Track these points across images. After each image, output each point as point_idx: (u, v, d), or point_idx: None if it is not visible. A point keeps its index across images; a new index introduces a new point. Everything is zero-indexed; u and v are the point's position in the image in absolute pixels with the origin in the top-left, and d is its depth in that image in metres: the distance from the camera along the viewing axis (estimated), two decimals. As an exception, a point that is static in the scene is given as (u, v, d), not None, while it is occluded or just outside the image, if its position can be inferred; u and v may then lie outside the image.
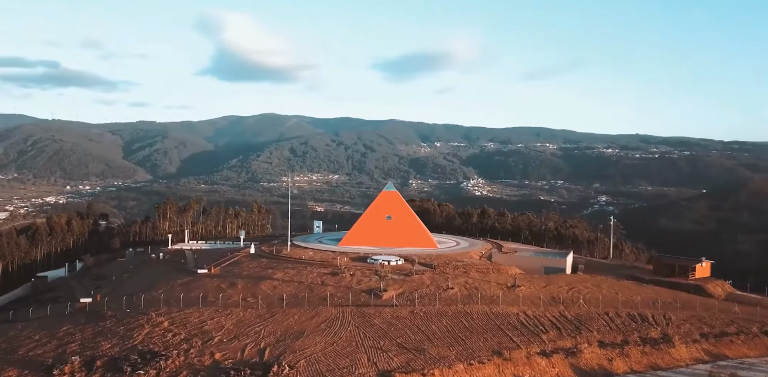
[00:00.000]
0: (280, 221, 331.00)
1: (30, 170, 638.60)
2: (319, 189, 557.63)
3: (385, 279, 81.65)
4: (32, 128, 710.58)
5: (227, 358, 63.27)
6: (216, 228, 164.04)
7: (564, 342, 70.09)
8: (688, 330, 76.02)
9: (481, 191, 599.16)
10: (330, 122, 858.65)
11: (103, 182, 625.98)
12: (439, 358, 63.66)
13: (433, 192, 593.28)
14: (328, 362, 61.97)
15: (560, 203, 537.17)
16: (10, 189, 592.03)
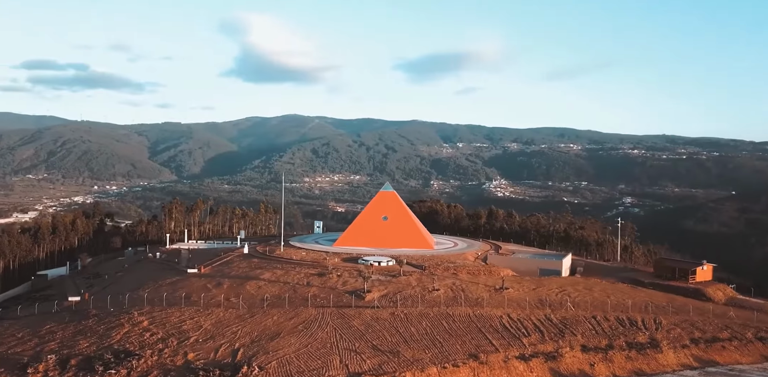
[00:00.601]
0: (301, 221, 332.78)
1: (59, 170, 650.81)
2: (340, 190, 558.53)
3: (368, 280, 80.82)
4: (62, 129, 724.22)
5: (200, 358, 63.05)
6: (223, 228, 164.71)
7: (545, 345, 68.63)
8: (678, 335, 73.97)
9: (504, 192, 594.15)
10: (352, 122, 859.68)
11: (129, 183, 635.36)
12: (412, 361, 62.71)
13: (455, 193, 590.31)
14: (299, 363, 61.41)
15: (584, 204, 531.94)
16: (40, 189, 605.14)
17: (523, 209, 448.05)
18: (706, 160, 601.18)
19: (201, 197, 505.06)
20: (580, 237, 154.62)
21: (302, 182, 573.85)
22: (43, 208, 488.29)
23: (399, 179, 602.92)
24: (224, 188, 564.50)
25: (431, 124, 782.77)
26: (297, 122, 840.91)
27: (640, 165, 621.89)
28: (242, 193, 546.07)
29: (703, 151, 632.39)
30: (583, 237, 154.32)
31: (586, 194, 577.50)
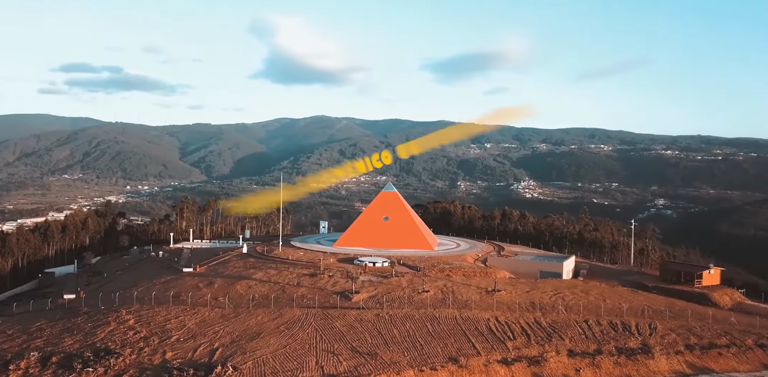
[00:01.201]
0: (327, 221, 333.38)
1: (94, 170, 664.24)
2: (366, 190, 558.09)
3: (356, 281, 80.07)
4: (97, 130, 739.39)
5: (177, 358, 63.09)
6: (235, 228, 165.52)
7: (530, 350, 67.02)
8: (672, 341, 71.58)
9: (532, 193, 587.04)
10: (379, 123, 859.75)
11: (161, 183, 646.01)
12: (390, 363, 61.82)
13: (482, 194, 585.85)
14: (274, 364, 60.99)
15: (614, 206, 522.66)
16: (75, 189, 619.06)
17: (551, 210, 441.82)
18: (743, 161, 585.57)
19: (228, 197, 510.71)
20: (594, 239, 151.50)
21: (329, 182, 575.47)
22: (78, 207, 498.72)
23: (425, 180, 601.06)
24: (252, 188, 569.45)
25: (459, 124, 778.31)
26: (325, 123, 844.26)
27: (674, 166, 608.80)
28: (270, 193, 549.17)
29: (740, 152, 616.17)
30: (596, 239, 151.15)
31: (616, 196, 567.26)
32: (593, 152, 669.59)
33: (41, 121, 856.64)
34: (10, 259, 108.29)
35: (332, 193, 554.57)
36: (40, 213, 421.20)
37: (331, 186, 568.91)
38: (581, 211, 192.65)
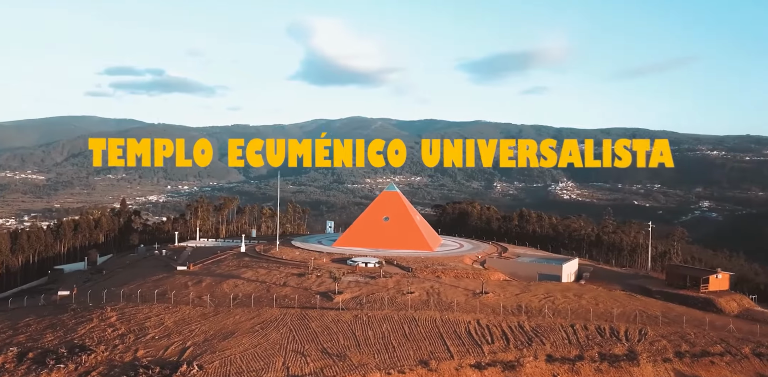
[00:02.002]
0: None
1: (136, 170, 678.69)
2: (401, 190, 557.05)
3: (340, 282, 79.22)
4: (140, 131, 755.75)
5: (148, 355, 63.24)
6: (251, 227, 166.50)
7: (507, 354, 65.06)
8: (662, 348, 68.61)
9: (570, 194, 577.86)
10: (414, 124, 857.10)
11: (200, 183, 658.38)
12: (357, 366, 60.75)
13: (519, 195, 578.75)
14: (241, 364, 60.57)
15: (656, 208, 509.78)
16: (119, 188, 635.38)
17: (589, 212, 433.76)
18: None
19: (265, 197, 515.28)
20: (613, 242, 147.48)
21: (363, 183, 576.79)
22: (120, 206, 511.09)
23: (461, 180, 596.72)
24: (289, 188, 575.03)
25: (495, 124, 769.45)
26: (360, 124, 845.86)
27: (720, 167, 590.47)
28: (306, 193, 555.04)
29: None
30: (615, 242, 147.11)
31: (659, 198, 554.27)
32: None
33: (88, 122, 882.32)
34: (21, 256, 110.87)
35: (367, 193, 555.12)
36: (85, 212, 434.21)
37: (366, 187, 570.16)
38: (604, 212, 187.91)
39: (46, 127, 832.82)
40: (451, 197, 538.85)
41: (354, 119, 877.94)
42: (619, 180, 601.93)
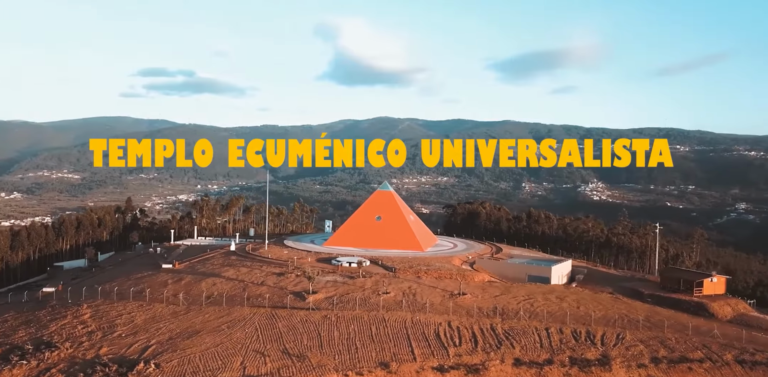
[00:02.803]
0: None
1: (167, 170, 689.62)
2: (427, 191, 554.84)
3: (314, 281, 78.35)
4: (171, 131, 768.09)
5: (110, 353, 63.23)
6: (258, 225, 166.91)
7: (472, 357, 63.41)
8: (638, 353, 66.18)
9: (600, 195, 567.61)
10: (442, 123, 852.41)
11: (229, 182, 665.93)
12: (315, 366, 59.83)
13: (547, 196, 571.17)
14: (198, 363, 60.12)
15: (690, 210, 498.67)
16: (151, 187, 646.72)
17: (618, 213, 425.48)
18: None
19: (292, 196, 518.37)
20: (622, 244, 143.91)
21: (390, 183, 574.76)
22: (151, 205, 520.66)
23: (488, 181, 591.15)
24: (316, 188, 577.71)
25: (524, 124, 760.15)
26: (388, 124, 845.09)
27: (758, 168, 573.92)
28: (332, 193, 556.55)
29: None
30: (624, 244, 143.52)
31: (693, 199, 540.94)
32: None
33: (122, 123, 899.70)
34: (20, 252, 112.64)
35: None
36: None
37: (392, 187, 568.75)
38: (619, 214, 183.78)
39: (82, 128, 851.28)
40: (478, 197, 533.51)
41: (381, 119, 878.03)
42: (652, 181, 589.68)
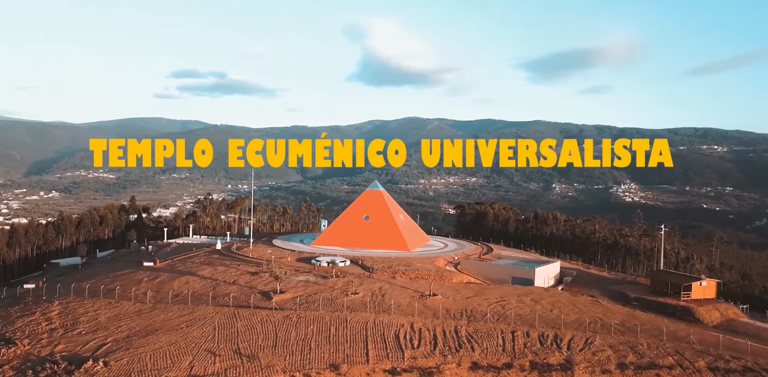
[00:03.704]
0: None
1: (199, 170, 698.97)
2: (455, 192, 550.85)
3: (280, 281, 77.41)
4: (203, 132, 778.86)
5: (65, 350, 63.29)
6: (265, 224, 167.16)
7: (428, 360, 61.64)
8: (605, 358, 63.50)
9: (633, 197, 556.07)
10: (471, 124, 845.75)
11: (259, 182, 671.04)
12: (264, 367, 58.83)
13: (578, 197, 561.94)
14: (147, 362, 59.66)
15: (727, 212, 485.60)
16: (182, 187, 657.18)
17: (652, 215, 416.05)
18: None
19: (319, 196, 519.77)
20: (629, 246, 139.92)
21: (417, 183, 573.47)
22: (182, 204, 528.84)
23: (518, 181, 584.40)
24: (343, 188, 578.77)
25: (555, 124, 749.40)
26: (416, 124, 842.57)
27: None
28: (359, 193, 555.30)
29: None
30: (631, 246, 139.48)
31: (730, 201, 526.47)
32: (705, 154, 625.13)
33: (156, 124, 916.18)
34: (18, 250, 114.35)
35: (420, 194, 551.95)
36: (150, 209, 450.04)
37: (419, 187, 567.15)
38: (634, 215, 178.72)
39: (118, 128, 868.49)
40: (507, 198, 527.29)
41: (410, 119, 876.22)
42: (687, 182, 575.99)
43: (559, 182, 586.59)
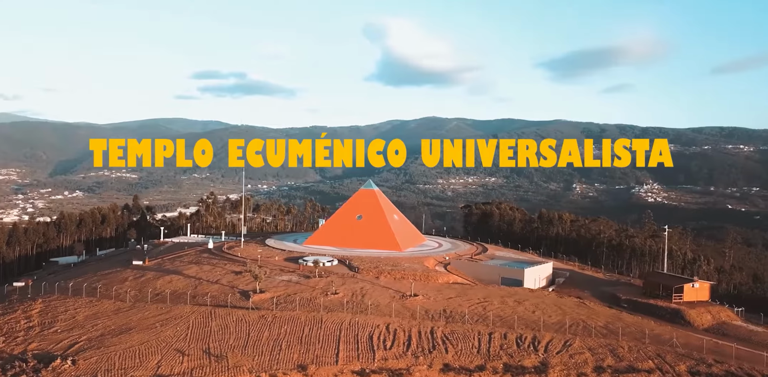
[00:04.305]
0: (429, 222, 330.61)
1: (219, 170, 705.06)
2: (473, 192, 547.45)
3: (260, 280, 76.86)
4: (224, 132, 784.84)
5: (38, 349, 63.33)
6: (270, 224, 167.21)
7: (399, 361, 60.59)
8: (582, 361, 61.90)
9: (655, 197, 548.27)
10: (491, 123, 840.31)
11: (278, 182, 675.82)
12: (231, 367, 58.24)
13: (599, 198, 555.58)
14: (115, 361, 59.40)
15: (753, 213, 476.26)
16: (203, 187, 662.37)
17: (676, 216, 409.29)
18: None
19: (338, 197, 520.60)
20: (635, 246, 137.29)
21: (435, 183, 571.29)
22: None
23: (538, 181, 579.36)
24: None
25: (576, 123, 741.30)
26: (435, 124, 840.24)
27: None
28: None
29: None
30: (637, 246, 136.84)
31: (757, 202, 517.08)
32: (730, 154, 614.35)
33: (178, 124, 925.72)
34: (17, 248, 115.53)
35: (438, 194, 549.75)
36: (170, 209, 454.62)
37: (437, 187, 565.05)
38: (644, 215, 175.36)
39: (140, 129, 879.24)
40: (527, 198, 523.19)
41: (429, 119, 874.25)
42: (712, 182, 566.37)
43: (579, 182, 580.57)
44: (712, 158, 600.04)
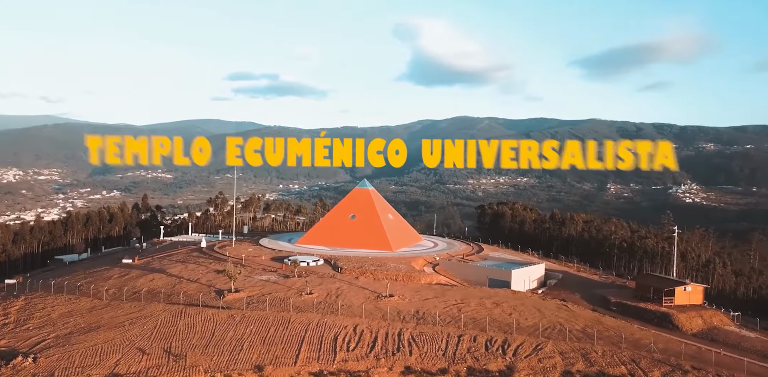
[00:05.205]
0: (460, 223, 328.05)
1: (251, 170, 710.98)
2: (504, 192, 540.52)
3: (234, 280, 76.31)
4: (257, 133, 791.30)
5: (6, 346, 63.89)
6: (281, 223, 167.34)
7: (359, 363, 59.34)
8: (551, 365, 59.73)
9: (694, 198, 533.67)
10: (523, 122, 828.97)
11: (309, 182, 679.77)
12: (187, 367, 57.81)
13: (634, 198, 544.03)
14: (75, 359, 59.49)
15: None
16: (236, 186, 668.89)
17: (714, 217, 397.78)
18: None
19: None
20: (646, 248, 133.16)
21: (466, 183, 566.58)
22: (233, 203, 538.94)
23: (571, 181, 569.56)
24: (391, 188, 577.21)
25: (611, 122, 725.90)
26: (466, 124, 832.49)
27: None
28: (406, 193, 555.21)
29: None
30: (648, 248, 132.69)
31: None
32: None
33: (212, 126, 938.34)
34: (22, 246, 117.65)
35: (468, 194, 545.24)
36: (202, 208, 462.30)
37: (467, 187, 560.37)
38: (663, 216, 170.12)
39: (176, 130, 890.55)
40: (560, 199, 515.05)
41: (460, 118, 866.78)
42: (754, 183, 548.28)
43: (614, 182, 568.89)
44: (754, 158, 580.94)
